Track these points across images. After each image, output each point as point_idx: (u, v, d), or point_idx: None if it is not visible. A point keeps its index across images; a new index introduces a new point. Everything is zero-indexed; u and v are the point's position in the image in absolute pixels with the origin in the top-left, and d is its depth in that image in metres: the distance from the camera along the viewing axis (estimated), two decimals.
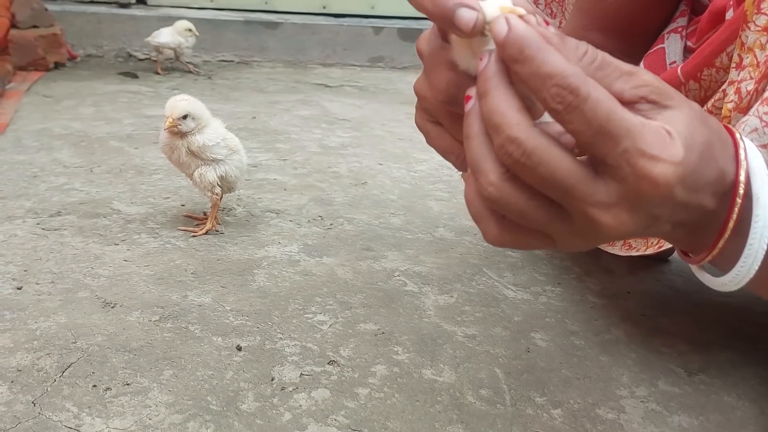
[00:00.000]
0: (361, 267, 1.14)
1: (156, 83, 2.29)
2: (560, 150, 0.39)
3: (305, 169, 1.56)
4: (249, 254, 1.14)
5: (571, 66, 0.38)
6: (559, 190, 0.39)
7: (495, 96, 0.39)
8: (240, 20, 2.72)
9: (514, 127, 0.38)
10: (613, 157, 0.38)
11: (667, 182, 0.39)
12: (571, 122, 0.38)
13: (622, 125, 0.38)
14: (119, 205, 1.29)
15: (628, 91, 0.41)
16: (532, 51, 0.38)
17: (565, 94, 0.37)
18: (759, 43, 0.58)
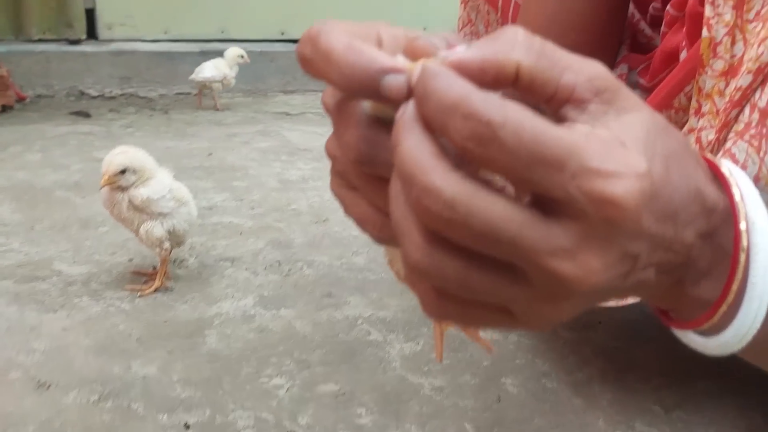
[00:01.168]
0: (321, 317, 1.06)
1: (109, 122, 2.21)
2: (491, 194, 0.31)
3: (263, 208, 1.49)
4: (200, 312, 1.07)
5: (477, 89, 0.30)
6: (503, 245, 0.31)
7: (406, 143, 0.32)
8: (196, 51, 2.64)
9: (429, 174, 0.31)
10: (560, 187, 0.30)
11: (635, 202, 0.31)
12: (494, 160, 0.30)
13: (560, 144, 0.30)
14: (60, 265, 1.20)
15: (581, 84, 0.33)
16: (435, 82, 0.31)
17: (475, 125, 0.30)
18: (717, 90, 0.53)
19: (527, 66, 0.33)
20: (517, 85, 0.33)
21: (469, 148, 0.30)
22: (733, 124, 0.51)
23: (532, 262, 0.31)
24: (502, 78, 0.33)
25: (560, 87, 0.33)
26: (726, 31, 0.53)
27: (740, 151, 0.49)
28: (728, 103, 0.51)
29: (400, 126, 0.32)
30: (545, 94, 0.33)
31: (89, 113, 2.30)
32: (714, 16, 0.54)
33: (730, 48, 0.53)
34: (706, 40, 0.54)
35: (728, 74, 0.53)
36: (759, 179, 0.48)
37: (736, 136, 0.50)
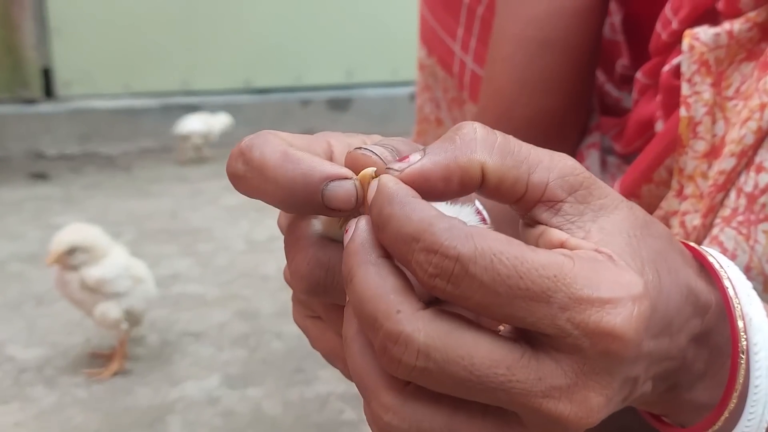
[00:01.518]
0: (292, 396, 1.01)
1: (68, 183, 2.14)
2: (470, 332, 0.27)
3: (229, 274, 1.44)
4: (161, 397, 1.01)
5: (439, 215, 0.27)
6: (490, 391, 0.27)
7: (362, 276, 0.28)
8: (157, 106, 2.60)
9: (393, 317, 0.26)
10: (548, 322, 0.27)
11: (636, 329, 0.27)
12: (468, 298, 0.26)
13: (543, 273, 0.26)
14: (13, 349, 1.14)
15: (553, 182, 0.30)
16: (391, 207, 0.27)
17: (441, 261, 0.26)
18: (700, 172, 0.51)
19: (492, 166, 0.30)
20: (483, 187, 0.30)
21: (438, 286, 0.26)
22: (719, 209, 0.48)
23: (526, 407, 0.27)
24: (467, 183, 0.30)
25: (530, 186, 0.30)
26: (705, 110, 0.51)
27: (728, 239, 0.47)
28: (712, 186, 0.49)
29: (352, 254, 0.28)
30: (515, 195, 0.30)
31: (48, 175, 2.23)
32: (692, 94, 0.51)
33: (711, 128, 0.51)
34: (685, 120, 0.52)
35: (710, 155, 0.51)
36: (750, 269, 0.45)
37: (723, 222, 0.48)
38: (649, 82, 0.65)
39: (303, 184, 0.30)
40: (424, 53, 0.90)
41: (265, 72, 2.85)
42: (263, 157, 0.30)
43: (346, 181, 0.30)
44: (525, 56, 0.66)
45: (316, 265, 0.32)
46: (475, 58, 0.82)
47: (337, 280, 0.31)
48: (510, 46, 0.67)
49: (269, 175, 0.30)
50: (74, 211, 1.83)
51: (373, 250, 0.28)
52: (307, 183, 0.30)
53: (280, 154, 0.30)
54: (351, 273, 0.28)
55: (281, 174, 0.30)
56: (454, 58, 0.85)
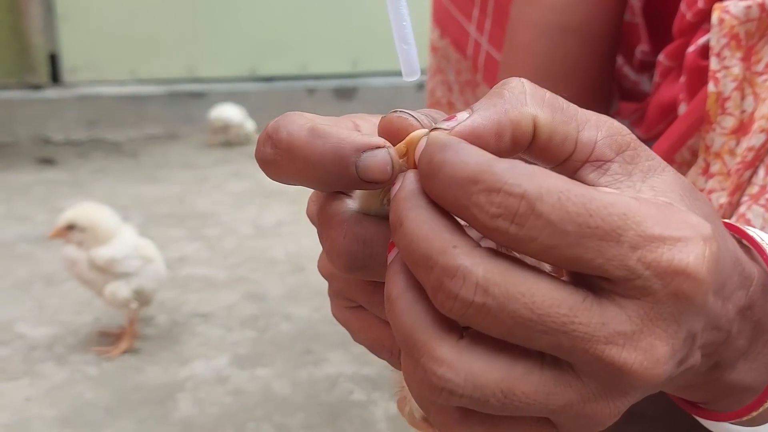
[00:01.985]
0: (301, 376, 1.01)
1: (75, 168, 2.15)
2: (530, 271, 0.26)
3: (236, 257, 1.44)
4: (171, 375, 1.01)
5: (502, 160, 0.25)
6: (550, 334, 0.25)
7: (414, 219, 0.26)
8: (163, 93, 2.60)
9: (450, 251, 0.25)
10: (617, 262, 0.25)
11: (708, 269, 0.26)
12: (533, 239, 0.25)
13: (613, 211, 0.25)
14: (23, 327, 1.14)
15: (601, 141, 0.29)
16: (445, 153, 0.26)
17: (503, 199, 0.25)
18: (727, 149, 0.50)
19: (544, 120, 0.29)
20: (533, 144, 0.29)
21: (501, 228, 0.25)
22: (746, 187, 0.48)
23: (587, 354, 0.26)
24: (519, 138, 0.28)
25: (579, 144, 0.29)
26: (735, 85, 0.50)
27: (756, 216, 0.46)
28: (740, 163, 0.48)
29: (401, 201, 0.27)
30: (563, 154, 0.29)
31: (55, 160, 2.23)
32: (721, 69, 0.50)
33: (739, 103, 0.50)
34: (713, 95, 0.51)
35: (739, 132, 0.50)
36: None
37: (751, 199, 0.47)
38: (671, 65, 0.64)
39: (334, 158, 0.28)
40: (436, 35, 0.89)
41: (270, 60, 2.84)
42: (290, 136, 0.29)
43: (379, 150, 0.28)
44: (546, 43, 0.65)
45: (353, 239, 0.30)
46: (490, 40, 0.81)
47: (377, 252, 0.30)
48: (530, 32, 0.66)
49: (298, 153, 0.29)
50: (81, 195, 1.83)
51: (423, 197, 0.27)
52: (338, 157, 0.28)
53: (307, 131, 0.29)
54: (401, 218, 0.27)
55: (311, 151, 0.29)
56: (468, 39, 0.84)
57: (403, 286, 0.27)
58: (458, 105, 0.90)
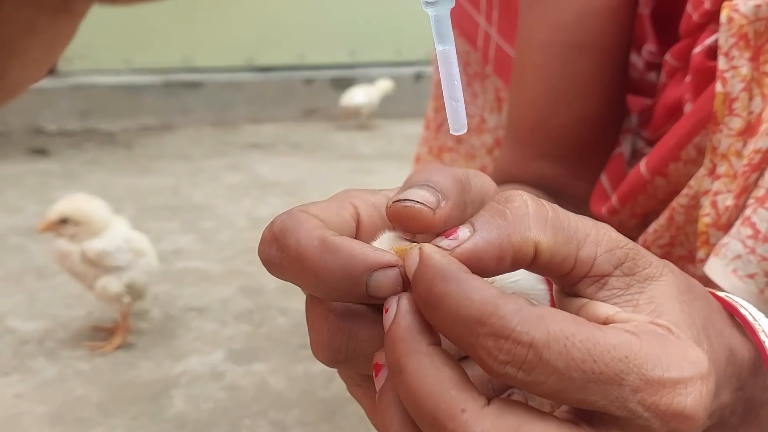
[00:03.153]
0: (297, 371, 1.00)
1: (68, 159, 2.12)
2: (537, 421, 0.26)
3: (231, 250, 1.42)
4: (165, 370, 0.99)
5: (504, 295, 0.25)
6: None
7: (415, 370, 0.26)
8: (159, 82, 2.57)
9: (458, 417, 0.25)
10: (619, 404, 0.26)
11: (705, 408, 0.27)
12: (541, 383, 0.25)
13: (616, 355, 0.26)
14: (14, 321, 1.12)
15: (600, 256, 0.29)
16: (445, 285, 0.25)
17: (511, 347, 0.25)
18: (734, 150, 0.49)
19: (546, 244, 0.29)
20: (533, 264, 0.29)
21: (509, 374, 0.25)
22: (752, 189, 0.47)
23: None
24: (519, 261, 0.28)
25: (578, 262, 0.29)
26: (743, 86, 0.49)
27: (761, 221, 0.45)
28: (747, 165, 0.47)
29: (399, 341, 0.26)
30: (562, 271, 0.29)
31: (47, 150, 2.21)
32: (729, 69, 0.49)
33: (747, 104, 0.49)
34: (721, 96, 0.50)
35: (746, 133, 0.49)
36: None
37: (756, 203, 0.46)
38: (678, 65, 0.63)
39: (345, 276, 0.28)
40: None
41: (267, 50, 2.82)
42: (299, 245, 0.28)
43: (391, 270, 0.28)
44: (557, 63, 0.64)
45: (337, 333, 0.30)
46: (499, 31, 0.80)
47: (360, 347, 0.30)
48: (540, 53, 0.65)
49: (308, 266, 0.28)
50: (74, 187, 1.81)
51: (423, 337, 0.27)
52: (349, 275, 0.28)
53: (317, 242, 0.28)
54: (400, 364, 0.26)
55: (321, 266, 0.28)
56: (478, 30, 0.83)
57: (400, 423, 0.27)
58: (465, 97, 0.88)
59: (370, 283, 0.27)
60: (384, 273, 0.27)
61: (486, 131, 0.85)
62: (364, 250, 0.28)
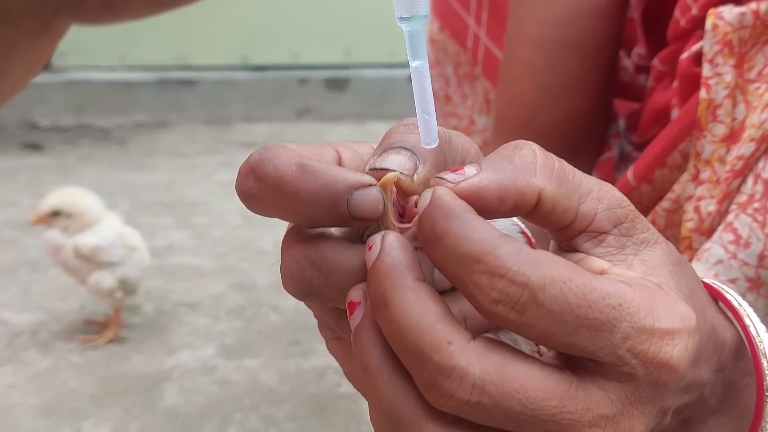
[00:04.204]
0: (288, 367, 1.01)
1: (62, 154, 2.12)
2: (522, 362, 0.26)
3: (224, 247, 1.43)
4: (157, 364, 1.00)
5: (503, 236, 0.25)
6: (541, 423, 0.26)
7: (401, 303, 0.26)
8: (153, 79, 2.58)
9: (444, 350, 0.25)
10: (609, 350, 0.26)
11: (688, 361, 0.27)
12: (532, 326, 0.25)
13: (609, 302, 0.26)
14: (7, 313, 1.12)
15: (600, 213, 0.29)
16: (447, 223, 0.26)
17: (506, 286, 0.25)
18: (717, 156, 0.50)
19: (549, 193, 0.29)
20: (534, 212, 0.29)
21: (500, 313, 0.25)
22: (735, 195, 0.48)
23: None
24: (521, 206, 0.28)
25: (579, 216, 0.30)
26: (726, 93, 0.50)
27: (743, 226, 0.46)
28: (729, 171, 0.48)
29: (383, 276, 0.26)
30: (562, 223, 0.29)
31: (41, 145, 2.21)
32: (713, 75, 0.50)
33: (731, 111, 0.50)
34: (705, 102, 0.51)
35: (729, 140, 0.50)
36: (764, 257, 0.45)
37: (739, 208, 0.47)
38: (665, 70, 0.63)
39: (326, 196, 0.28)
40: (436, 27, 0.88)
41: (262, 49, 2.82)
42: (277, 171, 0.28)
43: (370, 188, 0.28)
44: (546, 59, 0.64)
45: (307, 264, 0.29)
46: (488, 33, 0.81)
47: (330, 279, 0.29)
48: (529, 48, 0.65)
49: (287, 189, 0.28)
50: (68, 182, 1.81)
51: (409, 272, 0.26)
52: (330, 194, 0.28)
53: (296, 166, 0.28)
54: (385, 298, 0.26)
55: (302, 187, 0.28)
56: (468, 31, 0.83)
57: (381, 358, 0.27)
58: (455, 98, 0.89)
59: (351, 202, 0.27)
60: (365, 191, 0.27)
61: (475, 132, 0.86)
62: (344, 171, 0.28)
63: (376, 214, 0.28)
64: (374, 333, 0.27)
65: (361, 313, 0.27)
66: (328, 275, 0.29)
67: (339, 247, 0.29)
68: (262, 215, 0.30)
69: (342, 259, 0.29)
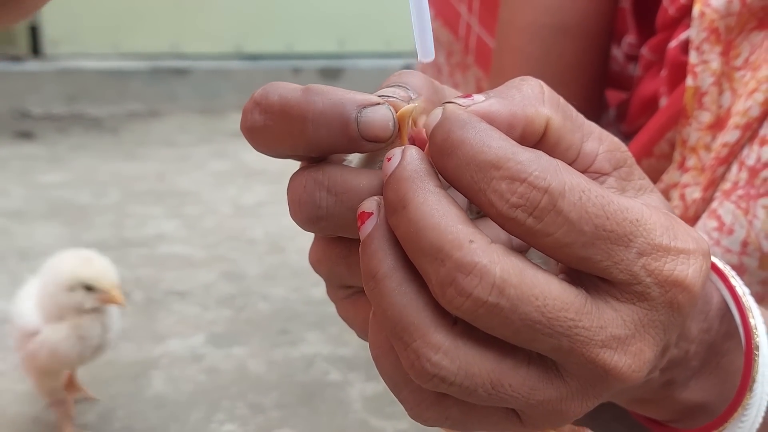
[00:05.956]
0: (277, 356, 1.01)
1: (54, 143, 2.12)
2: (541, 272, 0.25)
3: (215, 237, 1.43)
4: (146, 352, 1.00)
5: (526, 149, 0.25)
6: (554, 337, 0.25)
7: (422, 204, 0.25)
8: (146, 68, 2.57)
9: (466, 248, 0.24)
10: (623, 266, 0.25)
11: (702, 285, 0.27)
12: (549, 234, 0.25)
13: (627, 216, 0.25)
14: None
15: (601, 154, 0.29)
16: (465, 132, 0.25)
17: (526, 190, 0.24)
18: (703, 144, 0.50)
19: (556, 124, 0.29)
20: (539, 145, 0.28)
21: (518, 219, 0.25)
22: (719, 183, 0.48)
23: (581, 356, 0.26)
24: (529, 134, 0.28)
25: (582, 154, 0.29)
26: (713, 80, 0.50)
27: (726, 213, 0.46)
28: (714, 159, 0.48)
29: (404, 180, 0.26)
30: (566, 161, 0.29)
31: (33, 134, 2.20)
32: (699, 63, 0.50)
33: (717, 98, 0.50)
34: (691, 90, 0.51)
35: (715, 127, 0.50)
36: (747, 244, 0.46)
37: (723, 195, 0.47)
38: (653, 58, 0.64)
39: (335, 114, 0.27)
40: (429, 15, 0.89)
41: (256, 38, 2.82)
42: (283, 97, 0.28)
43: (380, 106, 0.27)
44: (540, 45, 0.64)
45: (315, 187, 0.29)
46: (480, 21, 0.81)
47: (342, 198, 0.28)
48: (522, 35, 0.65)
49: (294, 113, 0.27)
50: (60, 171, 1.82)
51: (429, 179, 0.26)
52: (339, 112, 0.27)
53: (302, 90, 0.28)
54: (405, 200, 0.25)
55: (310, 108, 0.27)
56: (460, 19, 0.83)
57: (391, 265, 0.26)
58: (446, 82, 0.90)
59: (361, 119, 0.27)
60: (374, 109, 0.27)
61: None
62: (350, 92, 0.27)
63: (386, 132, 0.27)
64: (387, 239, 0.26)
65: (374, 222, 0.27)
66: (337, 195, 0.28)
67: (348, 170, 0.29)
68: (269, 153, 0.29)
69: (352, 179, 0.28)
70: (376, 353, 0.29)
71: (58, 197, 1.61)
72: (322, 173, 0.29)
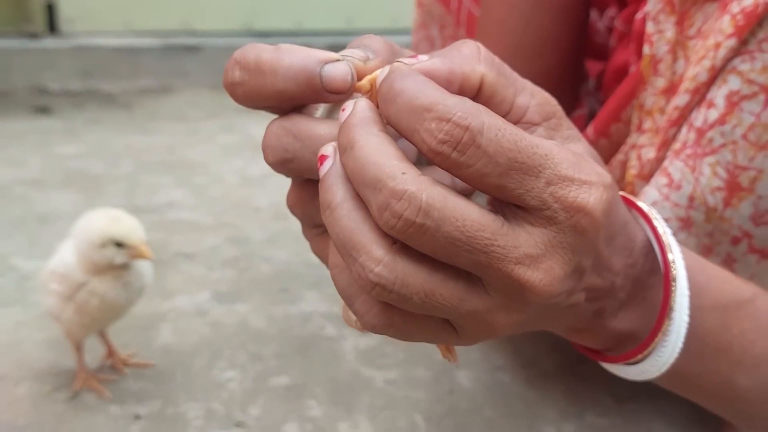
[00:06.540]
0: (276, 312, 1.08)
1: (71, 118, 2.19)
2: (462, 199, 0.30)
3: (222, 205, 1.50)
4: (154, 307, 1.08)
5: (453, 95, 0.30)
6: (473, 253, 0.30)
7: (366, 145, 0.30)
8: (159, 45, 2.63)
9: (399, 178, 0.29)
10: (534, 194, 0.30)
11: (603, 211, 0.31)
12: (470, 165, 0.29)
13: (537, 151, 0.30)
14: (17, 260, 1.20)
15: (532, 108, 0.34)
16: (405, 82, 0.31)
17: (451, 128, 0.29)
18: (658, 107, 0.54)
19: (490, 80, 0.33)
20: (476, 99, 0.33)
21: (444, 152, 0.29)
22: (671, 143, 0.51)
23: (498, 271, 0.31)
24: (466, 88, 0.33)
25: (514, 107, 0.34)
26: (667, 48, 0.53)
27: (676, 170, 0.50)
28: (667, 121, 0.51)
29: (353, 126, 0.31)
30: (500, 113, 0.33)
31: (50, 109, 2.28)
32: (655, 32, 0.54)
33: (671, 65, 0.53)
34: (647, 57, 0.55)
35: (669, 92, 0.53)
36: (693, 198, 0.50)
37: (673, 155, 0.50)
38: (625, 30, 0.66)
39: (301, 68, 0.32)
40: None
41: (266, 15, 2.86)
42: (258, 56, 0.33)
43: (340, 62, 0.33)
44: (519, 19, 0.67)
45: (283, 133, 0.34)
46: None
47: (306, 143, 0.34)
48: (503, 8, 0.68)
49: (267, 68, 0.33)
50: (76, 143, 1.89)
51: (375, 124, 0.31)
52: (304, 66, 0.32)
53: (274, 49, 0.33)
54: (352, 141, 0.31)
55: (281, 65, 0.33)
56: None
57: (343, 196, 0.32)
58: None
59: (323, 73, 0.33)
60: (334, 65, 0.33)
61: None
62: (315, 50, 0.33)
63: (345, 84, 0.33)
64: (339, 176, 0.32)
65: (330, 162, 0.32)
66: (302, 141, 0.34)
67: (312, 120, 0.34)
68: (248, 105, 0.35)
69: (314, 126, 0.34)
70: (334, 272, 0.36)
71: (73, 167, 1.68)
72: (290, 122, 0.35)
